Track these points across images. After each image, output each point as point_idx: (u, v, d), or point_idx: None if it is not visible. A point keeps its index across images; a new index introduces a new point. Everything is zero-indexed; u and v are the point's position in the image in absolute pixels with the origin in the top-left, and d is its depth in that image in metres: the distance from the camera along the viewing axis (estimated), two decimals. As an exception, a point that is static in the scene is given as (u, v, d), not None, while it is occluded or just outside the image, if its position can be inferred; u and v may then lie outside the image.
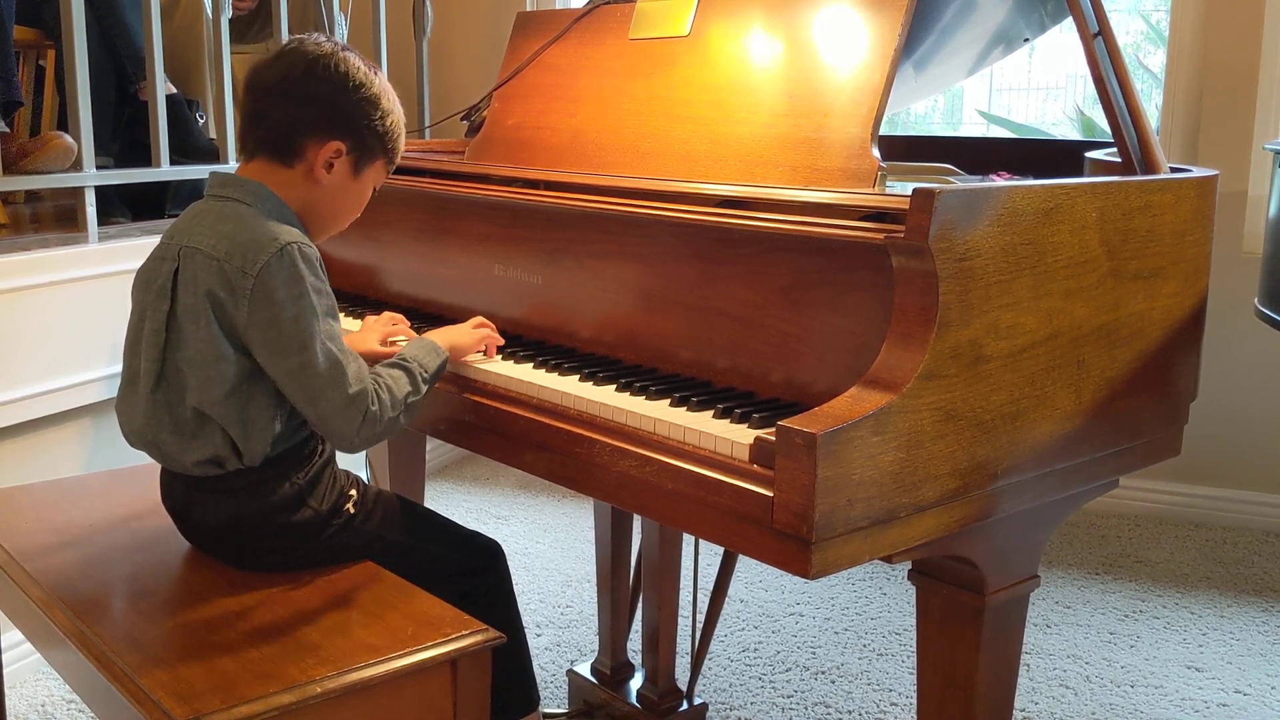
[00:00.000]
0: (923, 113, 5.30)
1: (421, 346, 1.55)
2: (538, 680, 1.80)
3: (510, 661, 1.59)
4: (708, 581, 2.23)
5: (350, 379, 1.42)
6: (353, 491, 1.57)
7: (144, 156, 2.87)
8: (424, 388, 1.51)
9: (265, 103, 1.50)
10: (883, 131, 1.49)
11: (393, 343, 1.71)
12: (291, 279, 1.40)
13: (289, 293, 1.39)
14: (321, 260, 1.46)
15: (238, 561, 1.53)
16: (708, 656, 2.42)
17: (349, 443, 1.45)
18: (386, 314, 1.79)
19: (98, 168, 2.63)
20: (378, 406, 1.44)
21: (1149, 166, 1.55)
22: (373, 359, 1.56)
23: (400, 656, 1.31)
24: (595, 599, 2.42)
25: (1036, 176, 1.52)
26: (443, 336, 1.60)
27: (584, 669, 2.29)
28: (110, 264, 2.46)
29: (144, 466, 1.88)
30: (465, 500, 3.60)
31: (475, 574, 1.66)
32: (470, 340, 1.62)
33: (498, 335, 1.67)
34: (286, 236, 1.42)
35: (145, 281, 1.50)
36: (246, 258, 1.40)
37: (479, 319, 1.69)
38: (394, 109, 1.56)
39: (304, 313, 1.40)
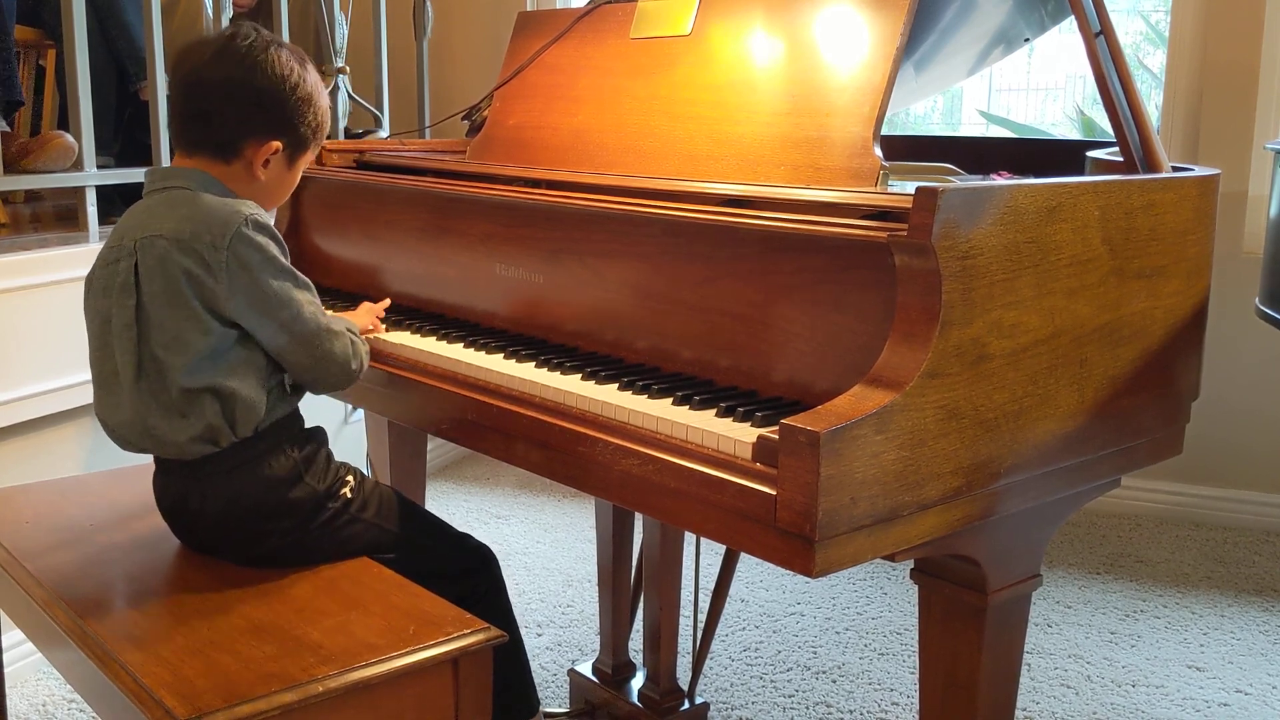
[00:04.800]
0: (922, 113, 5.30)
1: (347, 321, 1.66)
2: (538, 681, 1.80)
3: (508, 666, 1.59)
4: (709, 581, 2.23)
5: (331, 319, 1.55)
6: (349, 478, 1.60)
7: (144, 156, 2.87)
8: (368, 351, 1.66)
9: (208, 103, 1.53)
10: (882, 132, 1.49)
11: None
12: (260, 244, 1.47)
13: (262, 256, 1.47)
14: (272, 226, 1.54)
15: (236, 551, 1.53)
16: (709, 656, 2.42)
17: (348, 375, 1.56)
18: (369, 304, 1.87)
19: (98, 167, 2.63)
20: (360, 341, 1.60)
21: (1151, 165, 1.55)
22: None
23: (402, 655, 1.31)
24: (596, 599, 2.42)
25: (1037, 176, 1.52)
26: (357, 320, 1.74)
27: (585, 668, 2.29)
28: (111, 264, 2.46)
29: (144, 466, 1.87)
30: (465, 500, 3.60)
31: (470, 576, 1.66)
32: (364, 323, 1.77)
33: (378, 308, 1.85)
34: (244, 209, 1.49)
35: (102, 288, 1.52)
36: (214, 232, 1.46)
37: (368, 305, 1.84)
38: (323, 101, 1.62)
39: (279, 272, 1.48)
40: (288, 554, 1.53)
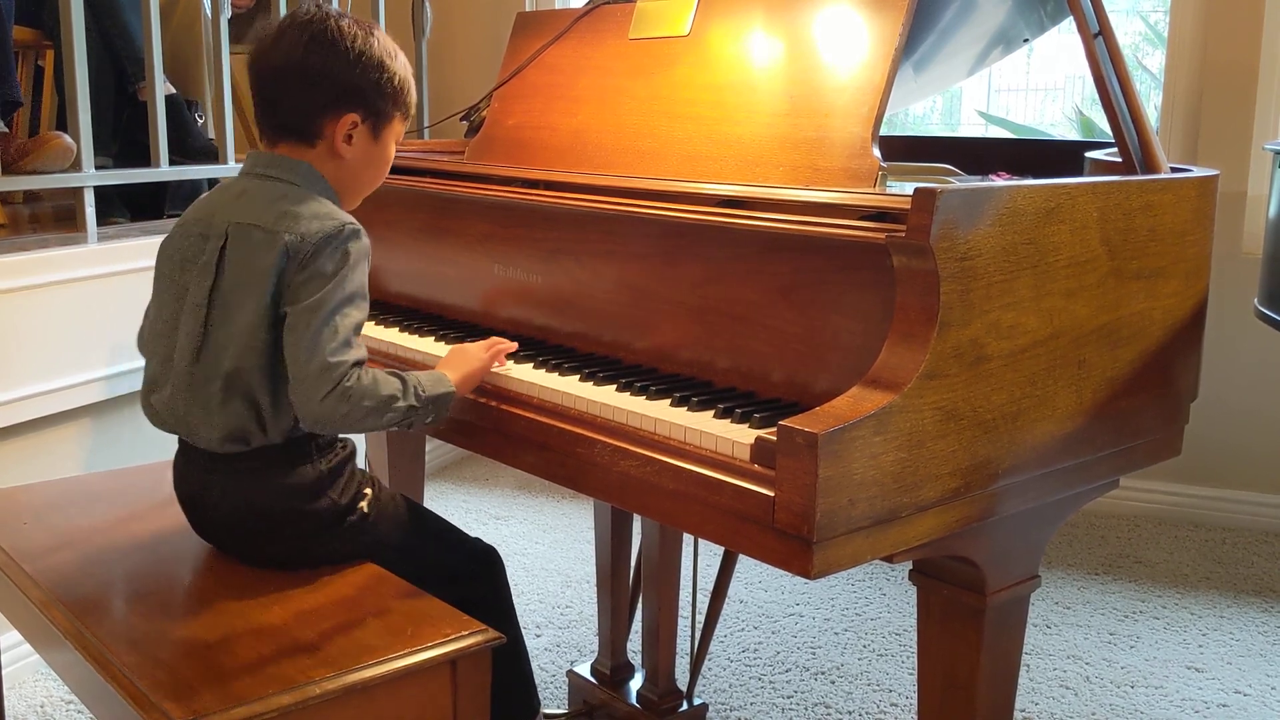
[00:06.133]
0: (921, 113, 5.30)
1: (429, 374, 1.53)
2: (538, 682, 1.80)
3: (509, 667, 1.58)
4: (707, 582, 2.22)
5: (339, 350, 1.40)
6: (368, 490, 1.57)
7: (143, 156, 2.87)
8: (413, 400, 1.46)
9: (274, 89, 1.52)
10: (881, 132, 1.49)
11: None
12: (341, 254, 1.43)
13: (333, 265, 1.43)
14: (369, 252, 1.49)
15: (244, 552, 1.53)
16: (707, 657, 2.42)
17: (309, 409, 1.41)
18: (493, 340, 1.65)
19: (97, 168, 2.62)
20: (354, 384, 1.40)
21: (1150, 166, 1.55)
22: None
23: (400, 657, 1.31)
24: (595, 599, 2.41)
25: (1036, 176, 1.52)
26: (454, 369, 1.55)
27: (584, 669, 2.29)
28: (110, 264, 2.46)
29: (145, 466, 1.88)
30: (465, 500, 3.60)
31: (473, 579, 1.65)
32: (482, 365, 1.58)
33: (508, 344, 1.62)
34: (346, 219, 1.46)
35: (182, 260, 1.50)
36: (310, 228, 1.43)
37: (493, 340, 1.63)
38: (397, 65, 1.56)
39: (337, 285, 1.42)
40: (297, 559, 1.52)
